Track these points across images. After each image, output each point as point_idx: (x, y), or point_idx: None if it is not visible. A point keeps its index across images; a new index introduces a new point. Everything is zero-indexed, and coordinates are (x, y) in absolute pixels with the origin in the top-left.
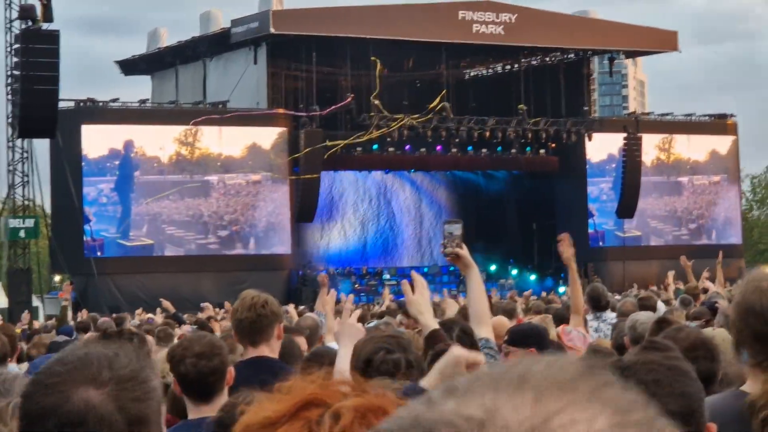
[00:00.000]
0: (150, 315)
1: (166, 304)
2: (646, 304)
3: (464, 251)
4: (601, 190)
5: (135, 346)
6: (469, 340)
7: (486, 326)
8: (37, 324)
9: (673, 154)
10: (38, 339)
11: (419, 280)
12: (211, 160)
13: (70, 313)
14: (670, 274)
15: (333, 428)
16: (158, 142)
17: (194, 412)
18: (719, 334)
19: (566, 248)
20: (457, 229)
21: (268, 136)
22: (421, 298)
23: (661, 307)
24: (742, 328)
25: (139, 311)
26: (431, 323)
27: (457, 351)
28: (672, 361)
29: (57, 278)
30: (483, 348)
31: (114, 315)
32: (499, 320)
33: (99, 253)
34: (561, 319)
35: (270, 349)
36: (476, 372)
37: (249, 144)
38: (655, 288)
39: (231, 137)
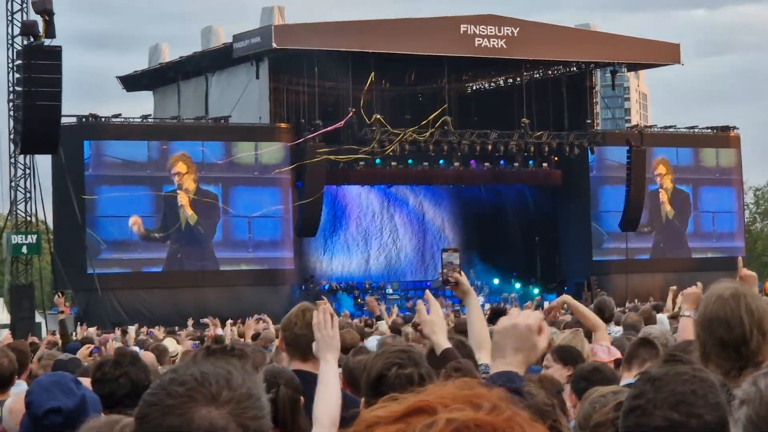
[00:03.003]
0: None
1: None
2: (646, 318)
3: (463, 278)
4: (604, 204)
5: (242, 361)
6: (464, 351)
7: (486, 351)
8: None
9: (676, 167)
10: (48, 356)
11: (433, 301)
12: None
13: (75, 327)
14: (672, 289)
15: None
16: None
17: None
18: None
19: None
20: (455, 257)
21: (271, 150)
22: (435, 317)
23: (663, 319)
24: (707, 339)
25: (134, 327)
26: (444, 343)
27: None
28: (702, 373)
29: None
30: (483, 373)
31: (119, 328)
32: None
33: (98, 270)
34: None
35: (314, 365)
36: None
37: (253, 157)
38: (656, 302)
39: (235, 150)
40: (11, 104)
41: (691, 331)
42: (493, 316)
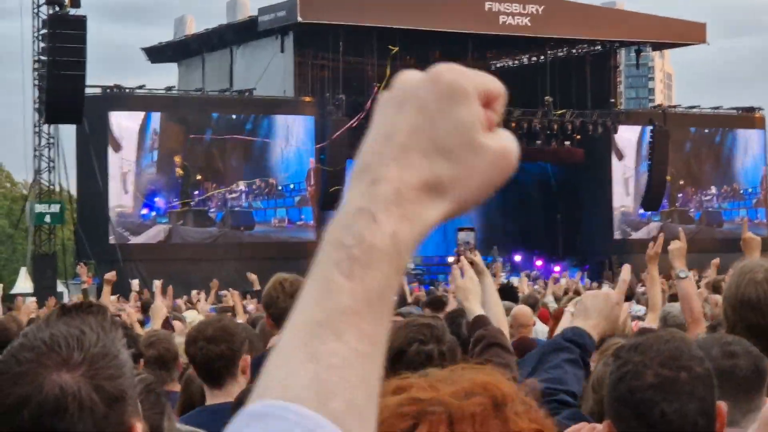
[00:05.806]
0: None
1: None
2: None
3: (478, 257)
4: (626, 183)
5: (99, 319)
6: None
7: (503, 329)
8: None
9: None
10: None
11: (467, 267)
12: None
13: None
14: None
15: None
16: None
17: (210, 398)
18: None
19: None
20: (471, 236)
21: (295, 123)
22: (469, 282)
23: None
24: (736, 322)
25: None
26: (477, 309)
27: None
28: (679, 334)
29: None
30: None
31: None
32: (522, 309)
33: (121, 238)
34: None
35: None
36: None
37: (277, 129)
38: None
39: (258, 122)
40: (36, 74)
41: (695, 296)
42: (501, 294)
